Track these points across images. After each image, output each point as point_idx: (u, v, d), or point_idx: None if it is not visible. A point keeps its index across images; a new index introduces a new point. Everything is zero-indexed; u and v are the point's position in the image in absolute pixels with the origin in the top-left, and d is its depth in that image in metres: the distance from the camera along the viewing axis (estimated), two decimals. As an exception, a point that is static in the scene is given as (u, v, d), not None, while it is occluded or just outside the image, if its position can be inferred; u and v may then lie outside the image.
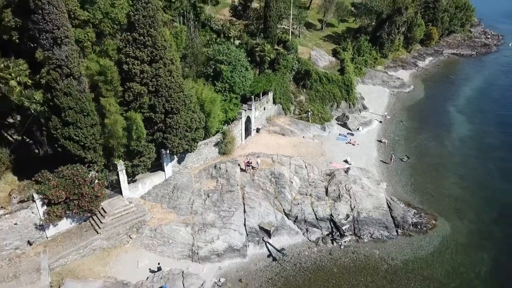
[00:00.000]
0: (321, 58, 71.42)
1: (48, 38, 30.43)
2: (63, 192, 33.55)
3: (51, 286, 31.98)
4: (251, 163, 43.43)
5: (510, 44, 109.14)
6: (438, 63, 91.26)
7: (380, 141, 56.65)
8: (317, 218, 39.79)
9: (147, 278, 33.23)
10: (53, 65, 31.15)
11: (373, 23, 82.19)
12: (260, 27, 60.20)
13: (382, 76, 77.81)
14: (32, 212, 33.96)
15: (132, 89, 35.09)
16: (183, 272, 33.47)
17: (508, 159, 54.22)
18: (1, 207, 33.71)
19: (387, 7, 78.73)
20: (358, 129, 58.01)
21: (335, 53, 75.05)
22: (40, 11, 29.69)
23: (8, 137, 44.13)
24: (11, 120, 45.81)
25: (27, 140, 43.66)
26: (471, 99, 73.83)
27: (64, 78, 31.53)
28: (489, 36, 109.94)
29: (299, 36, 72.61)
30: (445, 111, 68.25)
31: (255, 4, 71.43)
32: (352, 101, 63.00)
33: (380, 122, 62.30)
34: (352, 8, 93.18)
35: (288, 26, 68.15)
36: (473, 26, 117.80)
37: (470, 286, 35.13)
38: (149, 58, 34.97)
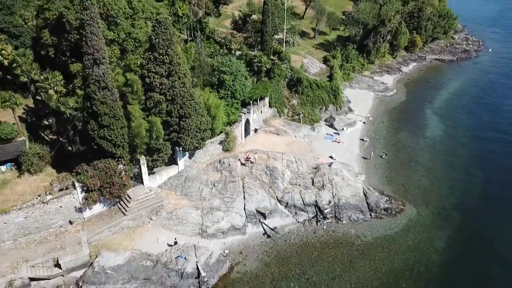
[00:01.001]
0: (313, 66, 79.13)
1: (89, 59, 38.01)
2: (98, 181, 41.33)
3: (90, 255, 39.80)
4: (249, 158, 51.25)
5: (490, 50, 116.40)
6: (421, 68, 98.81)
7: (362, 140, 64.37)
8: (304, 204, 47.63)
9: (166, 250, 41.03)
10: (92, 80, 38.75)
11: (360, 33, 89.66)
12: (257, 39, 67.78)
13: (368, 81, 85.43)
14: (73, 198, 41.81)
15: (153, 98, 42.83)
16: (195, 245, 41.34)
17: (472, 156, 61.98)
18: (49, 193, 41.46)
19: (372, 18, 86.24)
20: (343, 129, 65.73)
21: (325, 61, 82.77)
22: (84, 39, 37.26)
23: (45, 136, 51.96)
24: (46, 122, 53.76)
25: (61, 139, 51.35)
26: (447, 102, 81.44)
27: (101, 90, 39.17)
28: (470, 43, 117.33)
29: (293, 45, 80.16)
30: (422, 113, 75.92)
31: (254, 16, 78.59)
32: (339, 104, 70.65)
33: (364, 123, 69.96)
34: (343, 17, 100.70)
35: (283, 37, 75.65)
36: (457, 33, 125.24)
37: (427, 257, 42.93)
38: (166, 72, 42.64)
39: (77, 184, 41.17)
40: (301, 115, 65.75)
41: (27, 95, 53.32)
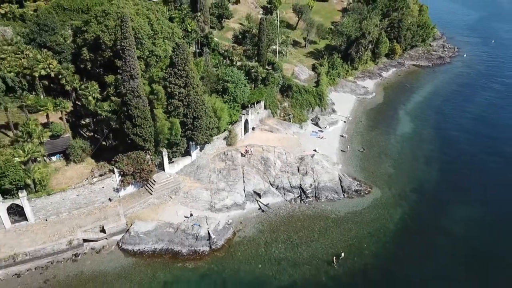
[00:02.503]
0: (302, 73, 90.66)
1: (127, 75, 49.56)
2: (131, 168, 53.01)
3: (126, 224, 51.53)
4: (248, 151, 62.95)
5: (464, 55, 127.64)
6: (399, 73, 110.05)
7: (342, 136, 75.94)
8: (291, 186, 59.37)
9: (184, 220, 52.77)
10: (129, 90, 50.29)
11: (344, 43, 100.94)
12: (255, 52, 79.16)
13: (351, 85, 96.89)
14: (112, 180, 53.48)
15: (173, 104, 54.42)
16: (206, 217, 53.08)
17: (433, 150, 73.56)
18: (96, 176, 53.18)
19: (354, 31, 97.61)
20: (326, 127, 77.30)
21: (314, 68, 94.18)
22: (123, 60, 48.78)
23: (83, 133, 63.52)
24: (83, 122, 65.35)
25: (97, 135, 62.89)
26: (418, 103, 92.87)
27: (135, 98, 50.72)
28: (446, 49, 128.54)
29: (285, 55, 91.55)
30: (395, 113, 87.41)
31: (254, 30, 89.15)
32: (323, 106, 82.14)
33: (344, 122, 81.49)
34: (332, 27, 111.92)
35: (278, 48, 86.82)
36: (436, 40, 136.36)
37: (385, 227, 54.54)
38: (183, 84, 54.12)
39: (115, 170, 52.86)
40: (291, 116, 77.30)
41: (67, 100, 64.79)
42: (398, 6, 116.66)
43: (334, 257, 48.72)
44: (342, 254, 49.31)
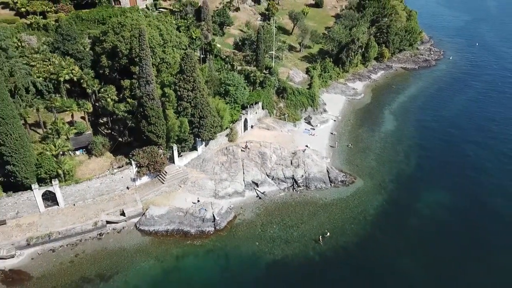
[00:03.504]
0: (297, 76, 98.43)
1: (143, 80, 57.35)
2: (146, 160, 60.86)
3: (142, 208, 59.42)
4: (247, 146, 70.84)
5: (450, 58, 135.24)
6: (387, 76, 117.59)
7: (332, 133, 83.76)
8: (284, 177, 67.27)
9: (192, 205, 60.67)
10: (145, 94, 58.08)
11: (336, 48, 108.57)
12: (253, 57, 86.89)
13: (342, 87, 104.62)
14: (130, 171, 61.34)
15: (182, 105, 62.25)
16: (211, 202, 60.99)
17: (412, 145, 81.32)
18: (115, 168, 61.07)
19: (345, 37, 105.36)
20: (317, 125, 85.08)
21: (307, 71, 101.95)
22: (140, 68, 56.58)
23: (102, 131, 71.31)
24: (101, 121, 73.17)
25: (113, 133, 70.69)
26: (402, 103, 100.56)
27: (150, 100, 58.54)
28: (432, 53, 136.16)
29: (281, 60, 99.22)
30: (381, 113, 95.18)
31: (253, 37, 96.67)
32: (315, 106, 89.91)
33: (334, 120, 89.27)
34: (326, 32, 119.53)
35: (275, 53, 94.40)
36: (423, 43, 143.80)
37: (366, 211, 62.38)
38: (191, 88, 61.91)
39: (132, 162, 60.76)
40: (286, 115, 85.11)
41: (87, 101, 72.48)
42: (386, 13, 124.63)
43: (320, 236, 56.71)
44: (327, 234, 57.29)
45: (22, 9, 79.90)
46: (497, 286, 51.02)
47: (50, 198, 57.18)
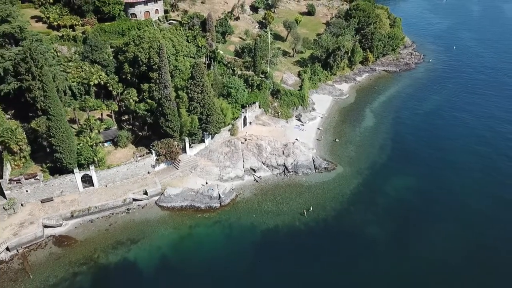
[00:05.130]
0: (290, 79, 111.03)
1: (162, 85, 70.02)
2: (164, 150, 73.64)
3: (161, 189, 72.25)
4: (246, 139, 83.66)
5: (430, 60, 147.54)
6: (371, 78, 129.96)
7: (318, 129, 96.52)
8: (277, 164, 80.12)
9: (201, 187, 73.50)
10: (163, 96, 70.76)
11: (324, 54, 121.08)
12: (251, 63, 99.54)
13: (329, 88, 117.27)
14: (150, 159, 74.11)
15: (192, 105, 74.97)
16: (217, 184, 73.84)
17: (387, 139, 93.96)
18: (139, 156, 73.87)
19: (332, 44, 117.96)
20: (306, 122, 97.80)
21: (299, 75, 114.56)
22: (159, 75, 69.23)
23: (124, 126, 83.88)
24: (123, 118, 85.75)
25: (134, 128, 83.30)
26: (382, 103, 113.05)
27: (167, 101, 71.21)
28: (413, 57, 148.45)
29: (276, 65, 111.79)
30: (362, 111, 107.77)
31: (251, 44, 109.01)
32: (305, 105, 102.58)
33: (321, 117, 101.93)
34: (316, 38, 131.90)
35: (270, 59, 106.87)
36: (406, 48, 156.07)
37: (343, 192, 75.20)
38: (200, 90, 74.57)
39: (153, 151, 73.53)
40: (279, 113, 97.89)
41: (113, 102, 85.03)
42: (371, 21, 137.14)
43: (305, 210, 69.61)
44: (311, 209, 70.20)
45: (54, 23, 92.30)
46: (444, 244, 63.91)
47: (87, 180, 69.94)
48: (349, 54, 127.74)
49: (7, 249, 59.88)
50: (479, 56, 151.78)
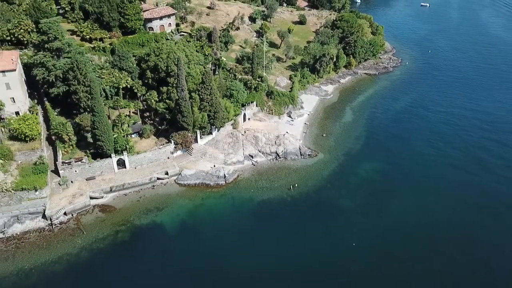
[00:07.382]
0: (282, 81, 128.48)
1: (180, 89, 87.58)
2: (180, 140, 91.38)
3: (179, 170, 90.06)
4: (245, 132, 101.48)
5: (407, 63, 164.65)
6: (353, 80, 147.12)
7: (305, 123, 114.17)
8: (270, 152, 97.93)
9: (210, 169, 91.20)
10: (180, 98, 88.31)
11: (312, 60, 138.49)
12: (250, 69, 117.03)
13: (316, 89, 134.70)
14: (170, 147, 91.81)
15: (203, 104, 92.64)
16: (222, 167, 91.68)
17: (362, 131, 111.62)
18: (160, 145, 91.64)
19: (318, 51, 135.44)
20: (295, 118, 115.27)
21: (290, 78, 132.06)
22: (177, 81, 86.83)
23: (147, 121, 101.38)
24: (146, 114, 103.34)
25: (154, 123, 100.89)
26: (360, 101, 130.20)
27: (183, 101, 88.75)
28: (391, 61, 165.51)
29: (271, 69, 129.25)
30: (343, 108, 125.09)
31: (250, 53, 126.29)
32: (295, 104, 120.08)
33: (308, 114, 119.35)
34: (307, 45, 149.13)
35: (266, 65, 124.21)
36: (386, 53, 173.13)
37: (322, 174, 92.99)
38: (209, 92, 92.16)
39: (172, 141, 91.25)
40: (273, 111, 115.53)
41: (138, 101, 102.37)
42: (354, 31, 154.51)
43: (292, 186, 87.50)
44: (296, 185, 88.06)
45: (87, 36, 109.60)
46: (399, 214, 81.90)
47: (121, 163, 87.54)
48: (334, 60, 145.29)
49: (65, 213, 77.54)
50: (449, 59, 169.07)
